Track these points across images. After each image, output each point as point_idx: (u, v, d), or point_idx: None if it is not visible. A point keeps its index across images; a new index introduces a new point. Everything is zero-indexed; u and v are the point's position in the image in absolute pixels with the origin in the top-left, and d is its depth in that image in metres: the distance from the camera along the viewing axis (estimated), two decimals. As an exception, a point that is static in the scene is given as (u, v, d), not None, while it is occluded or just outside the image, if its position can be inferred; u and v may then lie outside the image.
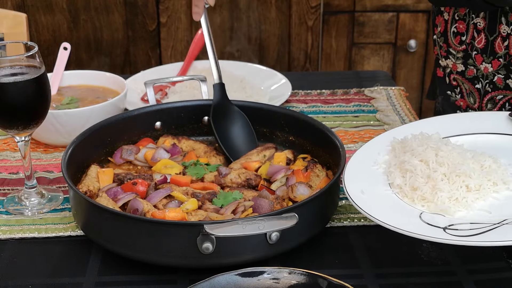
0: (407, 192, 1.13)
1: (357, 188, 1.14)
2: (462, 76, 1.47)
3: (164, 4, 2.85)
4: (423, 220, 1.06)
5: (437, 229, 1.03)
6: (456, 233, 1.01)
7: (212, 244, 1.05)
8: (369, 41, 2.92)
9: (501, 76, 1.39)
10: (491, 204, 1.09)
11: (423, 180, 1.13)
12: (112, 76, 1.65)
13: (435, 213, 1.08)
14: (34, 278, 1.10)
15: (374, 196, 1.13)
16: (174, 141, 1.41)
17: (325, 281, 0.97)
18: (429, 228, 1.03)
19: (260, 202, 1.17)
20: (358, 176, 1.18)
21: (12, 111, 1.20)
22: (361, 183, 1.16)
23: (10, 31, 2.27)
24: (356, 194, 1.12)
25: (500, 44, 1.37)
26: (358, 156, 1.24)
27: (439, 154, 1.15)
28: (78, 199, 1.16)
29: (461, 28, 1.44)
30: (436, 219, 1.06)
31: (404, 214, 1.08)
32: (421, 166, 1.14)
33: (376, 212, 1.07)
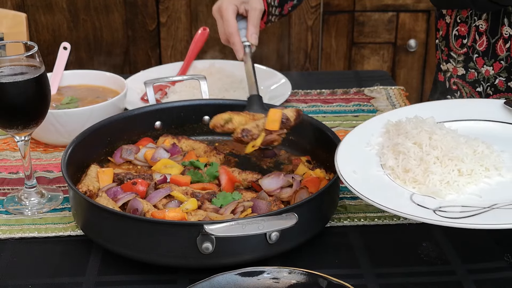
0: (399, 174, 1.13)
1: (349, 168, 1.14)
2: (462, 79, 1.47)
3: (164, 4, 2.85)
4: (413, 201, 1.06)
5: (427, 210, 1.03)
6: (446, 215, 1.01)
7: (212, 244, 1.05)
8: (369, 40, 2.92)
9: (503, 78, 1.39)
10: (482, 189, 1.09)
11: (415, 162, 1.13)
12: (112, 76, 1.65)
13: (426, 195, 1.08)
14: (34, 278, 1.10)
15: (366, 176, 1.13)
16: (174, 140, 1.41)
17: (325, 281, 0.97)
18: (419, 209, 1.04)
19: (258, 203, 1.17)
20: (351, 157, 1.18)
21: (12, 111, 1.20)
22: (353, 163, 1.16)
23: (10, 30, 2.28)
24: (349, 174, 1.12)
25: (501, 46, 1.37)
26: (351, 137, 1.23)
27: (433, 137, 1.15)
28: (78, 199, 1.16)
29: (462, 31, 1.44)
30: (426, 201, 1.06)
31: (395, 195, 1.08)
32: (414, 149, 1.14)
33: (367, 191, 1.07)
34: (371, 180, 1.12)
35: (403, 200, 1.06)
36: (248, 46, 1.52)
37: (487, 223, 0.98)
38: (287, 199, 1.22)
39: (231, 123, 1.32)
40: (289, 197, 1.22)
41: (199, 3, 2.85)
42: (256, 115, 1.34)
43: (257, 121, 1.32)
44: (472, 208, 1.03)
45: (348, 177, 1.11)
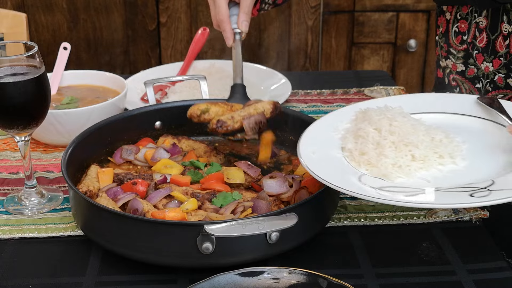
0: (355, 156, 1.16)
1: (310, 149, 1.18)
2: (462, 76, 1.47)
3: (164, 4, 2.85)
4: (360, 181, 1.09)
5: (369, 188, 1.06)
6: (385, 193, 1.04)
7: (212, 244, 1.05)
8: (369, 40, 2.92)
9: (502, 75, 1.39)
10: (432, 174, 1.12)
11: (372, 146, 1.16)
12: (112, 76, 1.65)
13: (376, 177, 1.11)
14: (34, 278, 1.10)
15: (323, 157, 1.16)
16: (174, 140, 1.41)
17: (325, 281, 0.97)
18: (362, 187, 1.07)
19: (258, 203, 1.17)
20: (315, 139, 1.22)
21: (12, 111, 1.20)
22: (316, 145, 1.19)
23: (10, 31, 2.28)
24: (307, 154, 1.16)
25: (501, 43, 1.37)
26: (321, 122, 1.27)
27: (393, 124, 1.18)
28: (78, 199, 1.16)
29: (462, 28, 1.44)
30: (373, 181, 1.09)
31: (345, 175, 1.11)
32: (374, 134, 1.17)
33: (319, 169, 1.10)
34: (326, 161, 1.15)
35: (351, 180, 1.10)
36: (238, 33, 1.52)
37: (417, 202, 1.02)
38: (287, 199, 1.22)
39: (207, 114, 1.34)
40: (289, 197, 1.22)
41: (199, 3, 2.85)
42: (235, 106, 1.36)
43: (233, 113, 1.34)
44: (413, 190, 1.06)
45: (306, 156, 1.15)
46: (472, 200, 1.01)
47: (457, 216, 1.24)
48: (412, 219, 1.24)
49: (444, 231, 1.21)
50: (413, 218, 1.24)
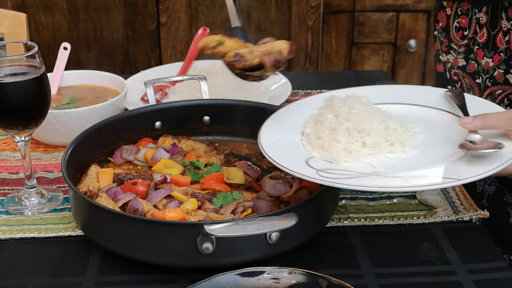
0: (311, 140, 1.20)
1: (270, 130, 1.23)
2: (463, 70, 1.48)
3: (164, 4, 2.85)
4: (307, 163, 1.13)
5: (311, 169, 1.10)
6: (325, 175, 1.08)
7: (212, 244, 1.05)
8: (369, 41, 2.92)
9: (501, 71, 1.40)
10: (380, 161, 1.15)
11: (328, 131, 1.20)
12: (112, 76, 1.65)
13: (325, 160, 1.15)
14: (34, 278, 1.10)
15: (280, 140, 1.21)
16: (174, 141, 1.41)
17: (325, 281, 0.97)
18: (305, 168, 1.11)
19: (258, 203, 1.17)
20: (279, 122, 1.26)
21: (12, 111, 1.20)
22: (278, 128, 1.24)
23: (10, 31, 2.28)
24: (266, 135, 1.21)
25: (501, 39, 1.38)
26: (290, 107, 1.32)
27: (352, 111, 1.22)
28: (78, 199, 1.16)
29: (463, 23, 1.45)
30: (319, 163, 1.13)
31: (295, 156, 1.15)
32: (332, 119, 1.21)
33: (270, 150, 1.16)
34: (282, 143, 1.20)
35: (297, 161, 1.13)
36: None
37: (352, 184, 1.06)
38: (287, 199, 1.22)
39: (222, 46, 1.29)
40: (289, 197, 1.22)
41: (199, 3, 2.85)
42: (247, 44, 1.33)
43: (251, 48, 1.29)
44: (355, 173, 1.10)
45: (264, 138, 1.20)
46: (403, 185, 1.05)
47: (457, 216, 1.24)
48: (412, 219, 1.24)
49: (444, 231, 1.21)
50: (413, 218, 1.24)
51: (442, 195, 1.31)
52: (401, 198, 1.31)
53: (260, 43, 1.31)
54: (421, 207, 1.28)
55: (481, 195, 1.50)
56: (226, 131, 1.49)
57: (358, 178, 1.09)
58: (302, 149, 1.19)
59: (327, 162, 1.14)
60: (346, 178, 1.08)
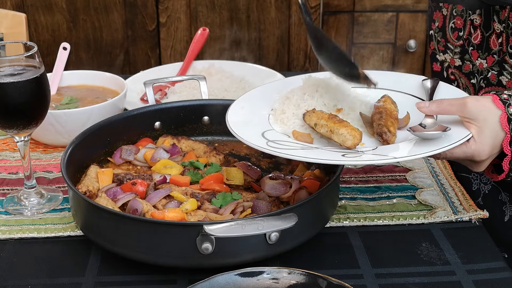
0: (277, 115, 1.25)
1: (241, 104, 1.27)
2: (459, 70, 1.48)
3: (164, 4, 2.85)
4: (262, 134, 1.17)
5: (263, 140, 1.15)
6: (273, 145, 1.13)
7: (212, 244, 1.05)
8: (368, 41, 2.92)
9: (495, 72, 1.40)
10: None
11: (293, 107, 1.24)
12: (111, 76, 1.65)
13: (283, 133, 1.20)
14: (34, 278, 1.10)
15: (248, 113, 1.25)
16: (174, 141, 1.41)
17: (325, 281, 0.97)
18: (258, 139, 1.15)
19: (258, 204, 1.17)
20: (254, 97, 1.30)
21: (11, 111, 1.20)
22: (250, 102, 1.28)
23: (10, 31, 2.28)
24: (235, 108, 1.26)
25: (494, 41, 1.38)
26: (273, 84, 1.36)
27: (319, 90, 1.27)
28: (78, 199, 1.16)
29: (458, 24, 1.45)
30: (275, 136, 1.18)
31: (256, 129, 1.19)
32: (299, 96, 1.26)
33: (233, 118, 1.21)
34: (249, 116, 1.24)
35: (253, 131, 1.18)
36: None
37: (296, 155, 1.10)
38: (286, 199, 1.22)
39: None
40: (289, 197, 1.22)
41: (199, 3, 2.85)
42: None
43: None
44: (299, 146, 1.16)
45: (232, 111, 1.24)
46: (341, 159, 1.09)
47: (456, 217, 1.24)
48: (412, 219, 1.24)
49: (443, 231, 1.21)
50: (412, 219, 1.24)
51: (442, 195, 1.31)
52: (400, 198, 1.31)
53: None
54: (420, 207, 1.28)
55: (476, 194, 1.50)
56: (226, 131, 1.48)
57: (302, 150, 1.13)
58: (264, 122, 1.23)
59: (283, 135, 1.19)
60: (291, 149, 1.12)
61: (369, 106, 1.27)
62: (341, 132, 1.14)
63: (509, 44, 1.35)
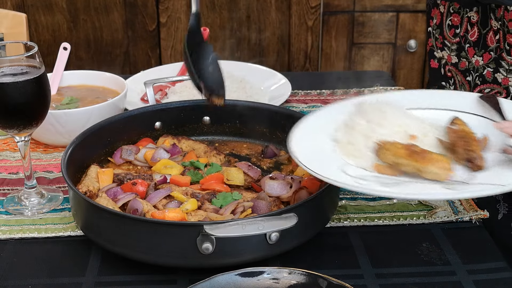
0: (343, 146, 1.17)
1: (300, 135, 1.19)
2: (455, 67, 1.48)
3: (164, 4, 2.85)
4: (342, 170, 1.10)
5: (347, 177, 1.07)
6: (362, 182, 1.05)
7: (212, 244, 1.05)
8: (369, 41, 2.92)
9: (491, 69, 1.40)
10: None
11: (360, 137, 1.17)
12: (112, 76, 1.65)
13: (360, 167, 1.12)
14: (34, 278, 1.10)
15: (311, 144, 1.17)
16: (174, 141, 1.41)
17: (325, 281, 0.97)
18: (340, 175, 1.07)
19: (258, 204, 1.17)
20: (309, 127, 1.22)
21: (12, 111, 1.20)
22: (307, 132, 1.20)
23: (10, 31, 2.28)
24: (296, 140, 1.17)
25: (492, 38, 1.38)
26: (320, 112, 1.28)
27: (377, 115, 1.20)
28: (78, 199, 1.16)
29: (455, 21, 1.45)
30: (356, 171, 1.10)
31: (329, 163, 1.12)
32: (364, 125, 1.19)
33: (303, 156, 1.11)
34: (313, 148, 1.16)
35: (331, 168, 1.10)
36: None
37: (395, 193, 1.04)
38: (286, 199, 1.22)
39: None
40: (289, 197, 1.22)
41: (199, 3, 2.85)
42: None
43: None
44: (392, 180, 1.07)
45: (295, 143, 1.16)
46: (446, 192, 1.02)
47: (457, 217, 1.24)
48: (412, 219, 1.24)
49: (444, 232, 1.21)
50: (413, 219, 1.24)
51: (442, 196, 1.31)
52: (401, 198, 1.31)
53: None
54: (420, 207, 1.28)
55: None
56: (226, 131, 1.49)
57: (400, 185, 1.04)
58: (334, 155, 1.15)
59: (362, 170, 1.11)
60: (387, 186, 1.04)
61: (440, 129, 1.20)
62: (429, 170, 1.07)
63: (506, 41, 1.35)
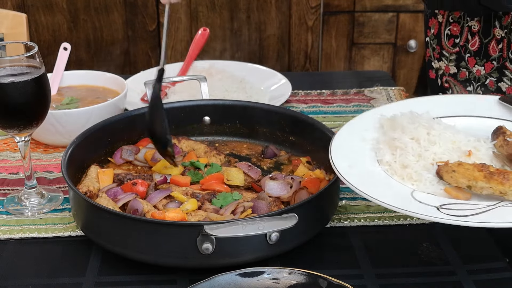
0: (397, 170, 1.10)
1: (345, 163, 1.11)
2: (454, 78, 1.48)
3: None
4: (415, 199, 1.03)
5: (431, 208, 1.00)
6: (451, 212, 0.99)
7: (212, 244, 1.05)
8: (369, 41, 2.92)
9: (493, 79, 1.39)
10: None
11: (414, 158, 1.11)
12: (112, 76, 1.65)
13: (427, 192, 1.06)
14: (34, 278, 1.10)
15: (363, 172, 1.10)
16: (174, 141, 1.41)
17: (325, 281, 0.97)
18: (423, 206, 1.01)
19: (258, 204, 1.17)
20: (346, 151, 1.15)
21: (12, 111, 1.20)
22: (348, 158, 1.13)
23: (10, 31, 2.28)
24: (345, 169, 1.09)
25: (494, 47, 1.37)
26: (344, 132, 1.21)
27: (431, 132, 1.14)
28: (78, 200, 1.16)
29: (455, 31, 1.44)
30: (427, 198, 1.04)
31: (395, 192, 1.06)
32: (412, 144, 1.12)
33: (366, 188, 1.04)
34: (368, 176, 1.09)
35: (405, 197, 1.04)
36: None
37: (492, 221, 0.96)
38: (287, 200, 1.22)
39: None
40: (289, 197, 1.22)
41: (199, 3, 2.85)
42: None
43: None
44: (476, 206, 1.01)
45: (345, 173, 1.08)
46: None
47: (457, 217, 1.24)
48: (412, 219, 1.24)
49: (444, 231, 1.21)
50: (413, 219, 1.24)
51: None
52: (401, 198, 1.30)
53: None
54: (421, 208, 1.27)
55: None
56: (226, 132, 1.49)
57: (489, 211, 0.99)
58: (392, 181, 1.08)
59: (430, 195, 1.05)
60: (476, 214, 0.98)
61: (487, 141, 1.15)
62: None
63: (510, 50, 1.34)
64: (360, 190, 1.04)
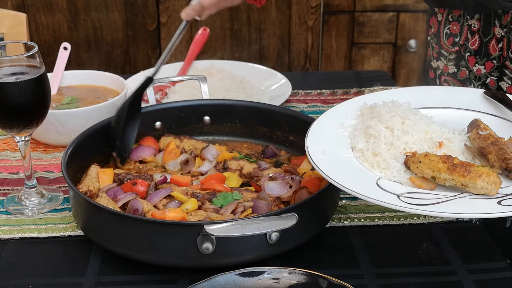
0: (368, 157, 1.12)
1: (319, 148, 1.13)
2: (453, 77, 1.47)
3: (164, 4, 2.85)
4: (379, 186, 1.05)
5: (392, 196, 1.02)
6: (409, 201, 1.00)
7: (212, 244, 1.05)
8: (369, 41, 2.92)
9: (494, 78, 1.39)
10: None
11: (385, 146, 1.12)
12: (112, 76, 1.65)
13: (393, 180, 1.08)
14: (34, 278, 1.10)
15: (335, 158, 1.12)
16: (177, 140, 1.41)
17: (325, 281, 0.97)
18: (385, 194, 1.02)
19: (258, 203, 1.17)
20: (322, 137, 1.17)
21: (12, 111, 1.20)
22: (324, 144, 1.15)
23: (10, 31, 2.28)
24: (317, 155, 1.11)
25: (494, 46, 1.37)
26: (325, 118, 1.23)
27: (406, 122, 1.15)
28: (78, 199, 1.16)
29: (454, 30, 1.44)
30: (392, 187, 1.05)
31: (362, 179, 1.07)
32: (386, 133, 1.14)
33: (334, 173, 1.05)
34: (339, 162, 1.11)
35: (369, 184, 1.06)
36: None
37: (446, 211, 0.98)
38: (287, 199, 1.22)
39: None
40: (289, 197, 1.22)
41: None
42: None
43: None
44: (436, 196, 1.02)
45: (317, 157, 1.10)
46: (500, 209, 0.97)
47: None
48: (412, 219, 1.24)
49: (444, 231, 1.21)
50: (413, 218, 1.24)
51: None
52: (401, 198, 1.30)
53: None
54: (421, 207, 1.27)
55: None
56: (226, 131, 1.49)
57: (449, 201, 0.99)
58: (361, 168, 1.10)
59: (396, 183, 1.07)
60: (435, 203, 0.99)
61: (461, 133, 1.16)
62: (479, 185, 1.01)
63: (510, 49, 1.34)
64: (327, 175, 1.05)
